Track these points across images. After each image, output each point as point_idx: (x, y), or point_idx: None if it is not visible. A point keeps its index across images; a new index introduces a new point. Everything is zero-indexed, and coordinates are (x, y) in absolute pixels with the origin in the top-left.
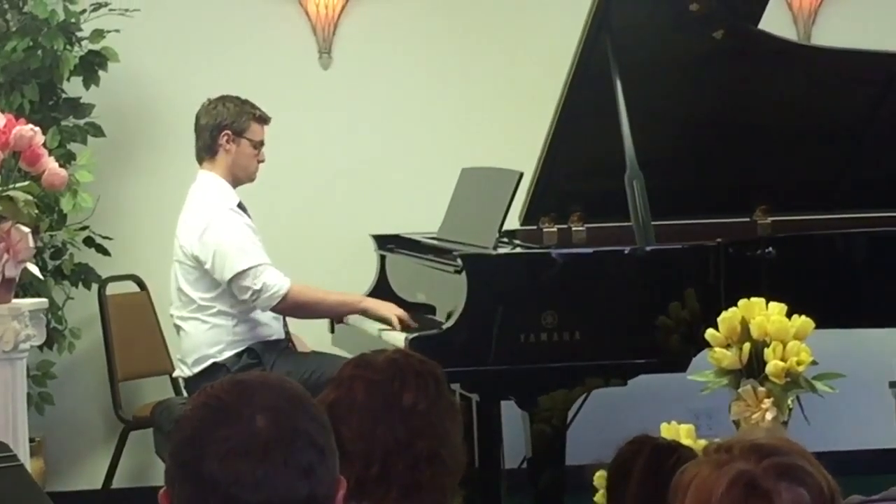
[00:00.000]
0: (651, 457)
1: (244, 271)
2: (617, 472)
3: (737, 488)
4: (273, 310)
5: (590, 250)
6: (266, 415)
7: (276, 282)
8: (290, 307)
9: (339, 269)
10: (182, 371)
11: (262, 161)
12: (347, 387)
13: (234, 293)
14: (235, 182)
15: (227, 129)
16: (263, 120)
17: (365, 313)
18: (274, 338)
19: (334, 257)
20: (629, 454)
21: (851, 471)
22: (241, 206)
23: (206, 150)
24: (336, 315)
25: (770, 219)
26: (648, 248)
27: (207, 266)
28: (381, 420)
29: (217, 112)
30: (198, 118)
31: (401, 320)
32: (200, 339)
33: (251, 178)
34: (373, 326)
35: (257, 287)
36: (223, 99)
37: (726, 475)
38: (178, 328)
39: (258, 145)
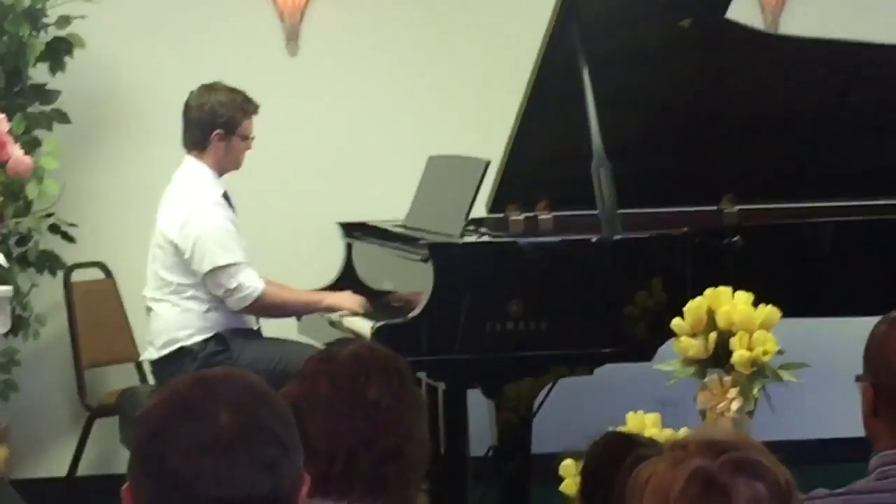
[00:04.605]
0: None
1: (221, 267)
2: (596, 473)
3: (694, 485)
4: (243, 310)
5: (556, 239)
6: (229, 411)
7: (251, 284)
8: (259, 309)
9: (305, 257)
10: (150, 353)
11: (250, 150)
12: (311, 382)
13: (206, 285)
14: (222, 172)
15: (219, 128)
16: (254, 111)
17: (330, 309)
18: (244, 326)
19: (301, 245)
20: (610, 456)
21: (817, 460)
22: (225, 195)
23: (196, 145)
24: (302, 314)
25: (737, 208)
26: (615, 238)
27: (186, 256)
28: (345, 416)
29: (210, 108)
30: (188, 108)
31: (364, 306)
32: (170, 321)
33: (237, 168)
34: (334, 314)
35: (232, 286)
36: (213, 90)
37: (683, 472)
38: (148, 309)
39: (248, 138)
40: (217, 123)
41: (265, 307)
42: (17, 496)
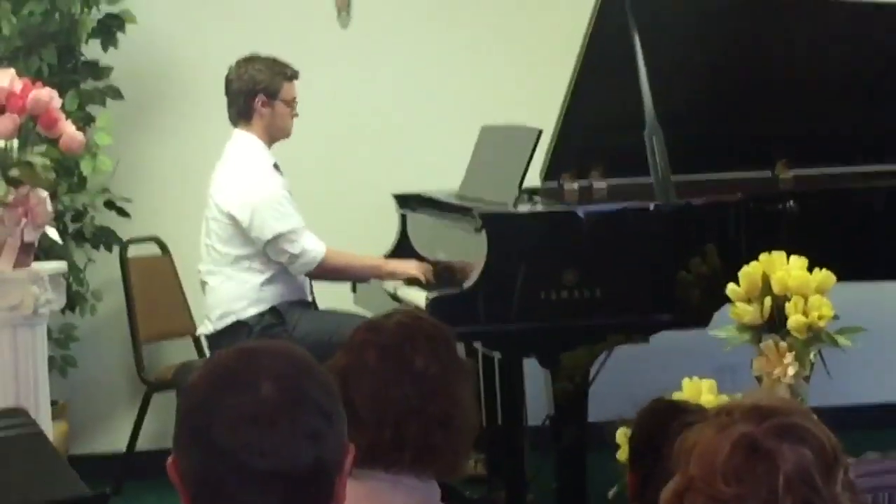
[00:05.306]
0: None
1: (283, 234)
2: (644, 441)
3: (740, 450)
4: (306, 274)
5: (612, 207)
6: (272, 381)
7: (314, 247)
8: (323, 272)
9: (360, 229)
10: (206, 327)
11: (297, 115)
12: (358, 352)
13: (268, 254)
14: (272, 141)
15: (260, 93)
16: (294, 76)
17: (392, 276)
18: (299, 298)
19: (355, 217)
20: (657, 424)
21: (872, 424)
22: (276, 166)
23: (241, 115)
24: (365, 279)
25: (792, 173)
26: (670, 204)
27: (245, 225)
28: (392, 384)
29: (248, 77)
30: (228, 82)
31: (426, 273)
32: (226, 294)
33: (287, 135)
34: (389, 284)
35: (296, 252)
36: (251, 61)
37: (728, 438)
38: (203, 283)
39: (291, 103)
40: (258, 89)
41: (328, 271)
42: (74, 474)
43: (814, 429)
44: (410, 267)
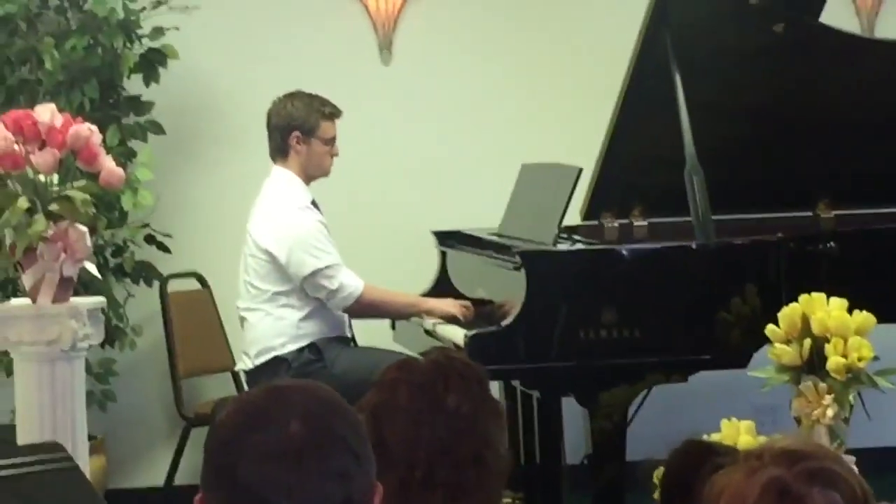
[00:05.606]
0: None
1: (321, 270)
2: (674, 482)
3: (769, 494)
4: (344, 310)
5: (652, 246)
6: (300, 420)
7: (352, 283)
8: (361, 308)
9: (400, 266)
10: (244, 363)
11: (336, 155)
12: (390, 390)
13: (306, 290)
14: (309, 179)
15: (296, 130)
16: (333, 116)
17: (430, 313)
18: (337, 334)
19: (396, 254)
20: (688, 465)
21: None
22: (314, 203)
23: (278, 151)
24: (402, 317)
25: (833, 213)
26: (710, 244)
27: (283, 262)
28: (424, 422)
29: (286, 112)
30: (268, 118)
31: (465, 311)
32: (264, 330)
33: (325, 174)
34: (428, 321)
35: (334, 287)
36: (292, 97)
37: (758, 482)
38: (242, 320)
39: (330, 142)
40: (294, 126)
41: (366, 306)
42: None
43: (844, 473)
44: (449, 305)
